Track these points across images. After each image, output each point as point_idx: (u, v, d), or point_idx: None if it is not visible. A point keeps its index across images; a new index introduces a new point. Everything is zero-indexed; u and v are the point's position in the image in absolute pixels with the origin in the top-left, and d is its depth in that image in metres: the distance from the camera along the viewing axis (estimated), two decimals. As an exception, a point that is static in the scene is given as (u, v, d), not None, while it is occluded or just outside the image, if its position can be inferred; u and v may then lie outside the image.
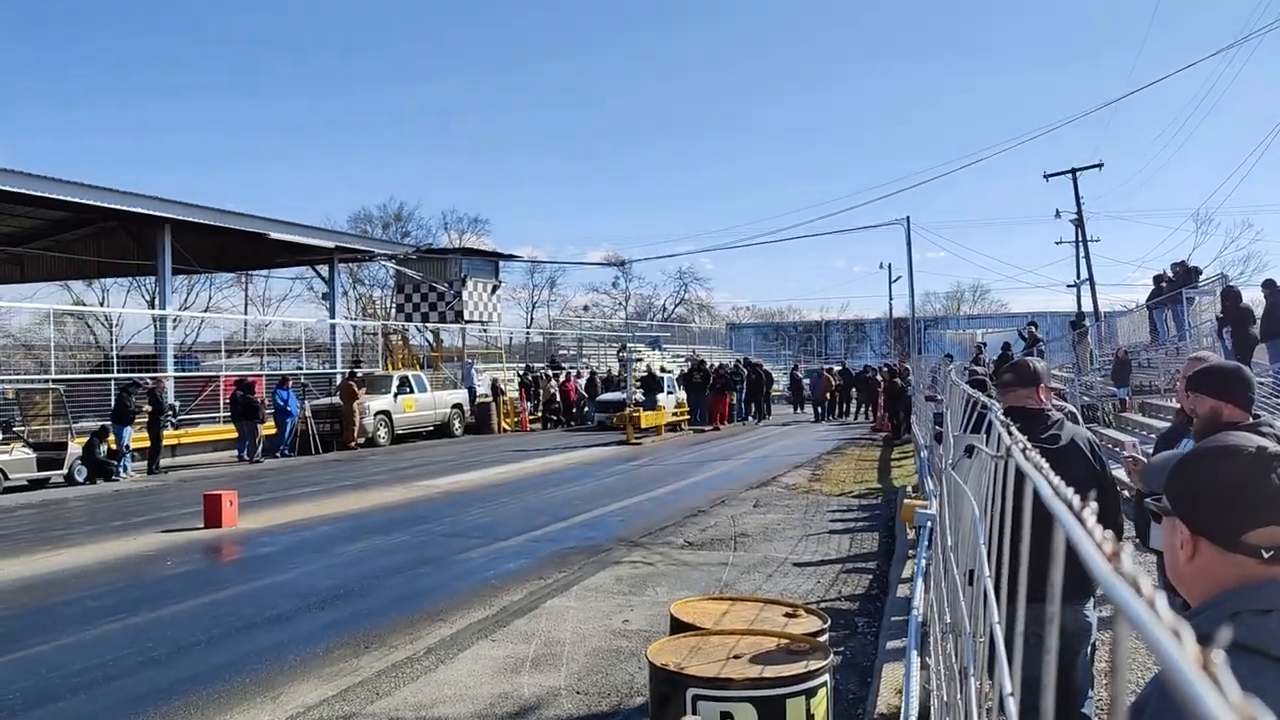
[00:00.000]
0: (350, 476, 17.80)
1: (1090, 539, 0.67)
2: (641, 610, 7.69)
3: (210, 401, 24.15)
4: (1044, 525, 0.98)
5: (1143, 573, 0.57)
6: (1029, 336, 26.26)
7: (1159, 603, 0.52)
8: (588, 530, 11.54)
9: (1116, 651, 0.58)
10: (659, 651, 3.79)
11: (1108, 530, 0.68)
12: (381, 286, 53.85)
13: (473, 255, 38.10)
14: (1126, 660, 0.58)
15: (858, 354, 56.06)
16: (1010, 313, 60.32)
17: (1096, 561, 0.61)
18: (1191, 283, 20.98)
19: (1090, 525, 0.70)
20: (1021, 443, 1.36)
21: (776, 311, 76.83)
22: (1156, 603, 0.52)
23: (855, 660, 6.37)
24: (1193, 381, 3.62)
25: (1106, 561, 0.60)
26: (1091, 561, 0.62)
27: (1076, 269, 37.51)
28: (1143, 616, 0.51)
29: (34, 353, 35.87)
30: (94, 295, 51.44)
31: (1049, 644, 0.86)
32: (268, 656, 6.68)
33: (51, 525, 13.01)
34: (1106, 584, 0.57)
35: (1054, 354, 31.06)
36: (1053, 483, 0.89)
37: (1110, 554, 0.61)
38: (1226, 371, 3.63)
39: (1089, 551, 0.64)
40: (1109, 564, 0.60)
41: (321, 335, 33.89)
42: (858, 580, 8.74)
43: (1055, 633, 0.87)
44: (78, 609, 8.12)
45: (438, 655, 6.66)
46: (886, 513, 12.27)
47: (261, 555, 10.48)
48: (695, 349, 42.37)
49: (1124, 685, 0.58)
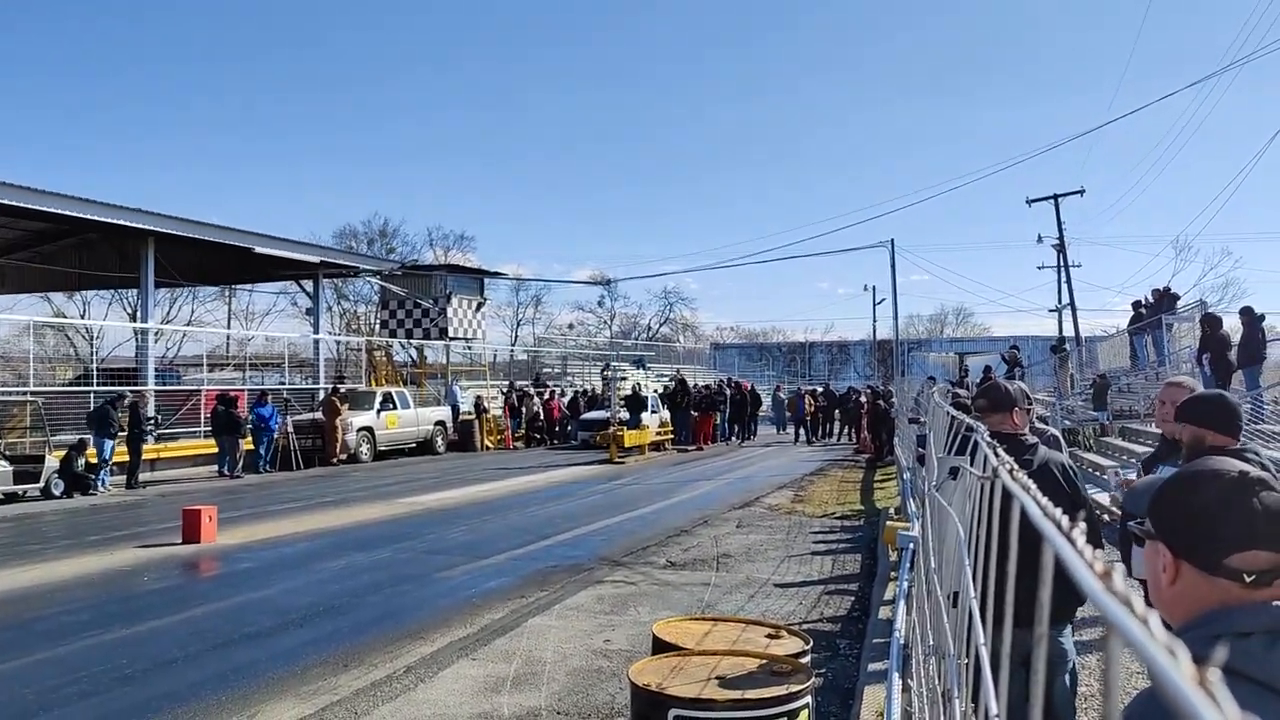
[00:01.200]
0: (332, 492, 17.69)
1: (1081, 559, 0.67)
2: (623, 630, 7.65)
3: (191, 416, 23.96)
4: (1029, 548, 0.98)
5: (1135, 592, 0.57)
6: (1011, 360, 26.40)
7: (1153, 621, 0.53)
8: (570, 549, 11.49)
9: (1110, 670, 0.58)
10: (641, 671, 3.77)
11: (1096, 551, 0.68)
12: (366, 302, 53.77)
13: (458, 272, 38.07)
14: (1119, 680, 0.58)
15: (842, 375, 56.27)
16: (993, 336, 60.72)
17: (1088, 581, 0.61)
18: (1171, 309, 21.16)
19: (1080, 545, 0.70)
20: (1008, 464, 1.37)
21: (761, 332, 77.13)
22: (1150, 621, 0.52)
23: (837, 682, 6.36)
24: (1179, 411, 3.67)
25: (1098, 581, 0.60)
26: (1083, 581, 0.62)
27: (1058, 293, 37.91)
28: (1138, 635, 0.51)
29: (12, 364, 35.47)
30: (75, 307, 51.08)
31: (1036, 666, 0.86)
32: (245, 674, 6.60)
33: (27, 539, 12.85)
34: (1100, 603, 0.57)
35: (1035, 377, 31.24)
36: (1041, 503, 0.90)
37: (1102, 573, 0.61)
38: (1208, 400, 3.67)
39: (1080, 571, 0.64)
40: (1101, 583, 0.60)
41: (305, 350, 33.71)
42: (840, 602, 8.73)
43: (1044, 654, 0.87)
44: (53, 624, 8.01)
45: (417, 674, 6.60)
46: (869, 534, 12.28)
47: (240, 571, 10.38)
48: (679, 368, 42.39)
49: (1116, 705, 0.58)
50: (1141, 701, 1.33)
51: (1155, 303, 22.10)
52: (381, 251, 55.94)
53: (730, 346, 70.61)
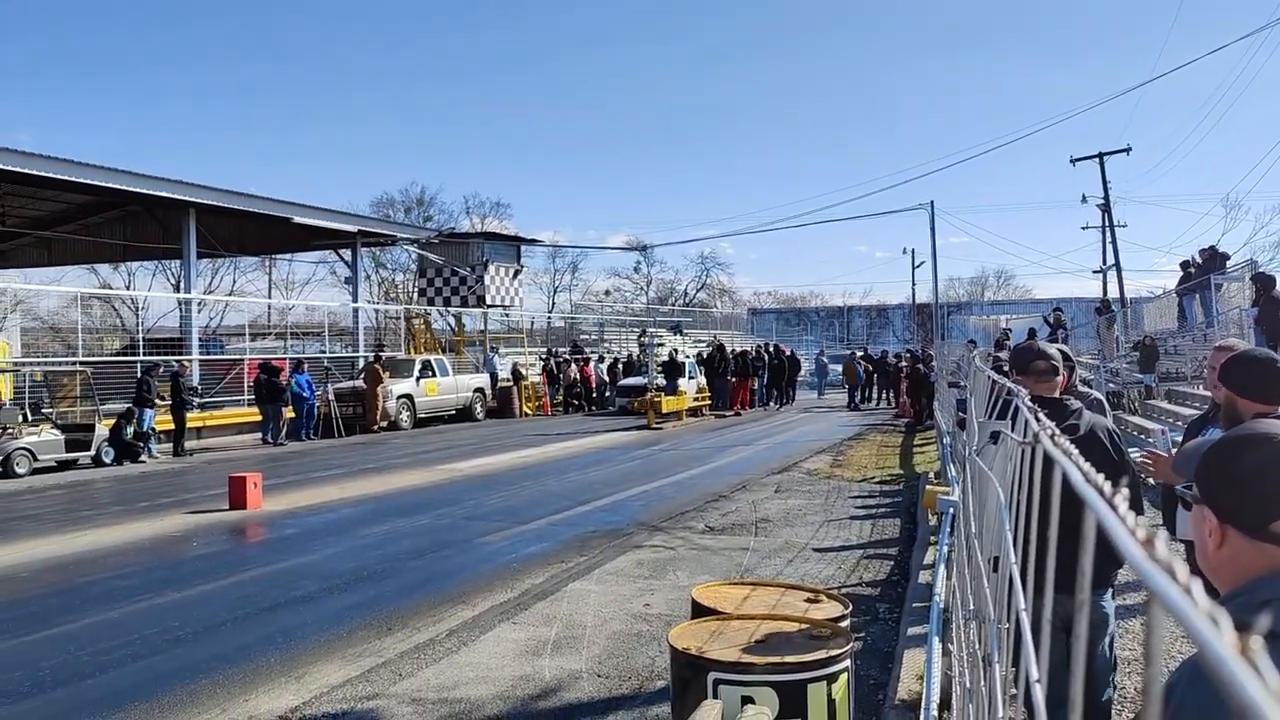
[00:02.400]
0: (373, 459, 17.92)
1: (1123, 525, 0.66)
2: (662, 594, 7.71)
3: (235, 384, 24.35)
4: (1071, 513, 0.97)
5: (1178, 559, 0.57)
6: (1054, 322, 26.05)
7: (1195, 589, 0.52)
8: (608, 514, 11.57)
9: (1150, 638, 0.57)
10: (680, 635, 3.80)
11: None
12: (404, 270, 54.17)
13: (494, 239, 38.11)
14: (1160, 647, 0.58)
15: (880, 340, 55.80)
16: (1035, 298, 59.90)
17: (1130, 548, 0.61)
18: (1220, 268, 20.73)
19: (1123, 512, 0.69)
20: (1050, 429, 1.35)
21: (798, 297, 76.58)
22: (1193, 589, 0.52)
23: (876, 646, 6.37)
24: (1219, 373, 3.58)
25: (1141, 548, 0.60)
26: (1125, 548, 0.61)
27: (1103, 254, 37.22)
28: (1179, 603, 0.50)
29: (62, 335, 36.26)
30: (120, 279, 51.94)
31: (1078, 631, 0.85)
32: (292, 637, 6.75)
33: (79, 506, 13.18)
34: (1141, 570, 0.57)
35: (1079, 340, 30.83)
36: (1083, 469, 0.88)
37: (1144, 540, 0.61)
38: (1245, 361, 3.55)
39: (1122, 538, 0.63)
40: (1143, 550, 0.59)
41: (344, 319, 34.05)
42: (879, 566, 8.73)
43: (1085, 619, 0.86)
44: (106, 588, 8.23)
45: (460, 637, 6.70)
46: (908, 499, 12.23)
47: (285, 537, 10.58)
48: (717, 334, 42.27)
49: (1158, 672, 0.58)
50: (1185, 670, 1.32)
51: (1204, 263, 21.65)
52: (419, 220, 56.17)
53: (768, 311, 70.22)
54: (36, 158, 20.58)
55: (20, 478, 15.89)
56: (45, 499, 13.90)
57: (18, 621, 7.22)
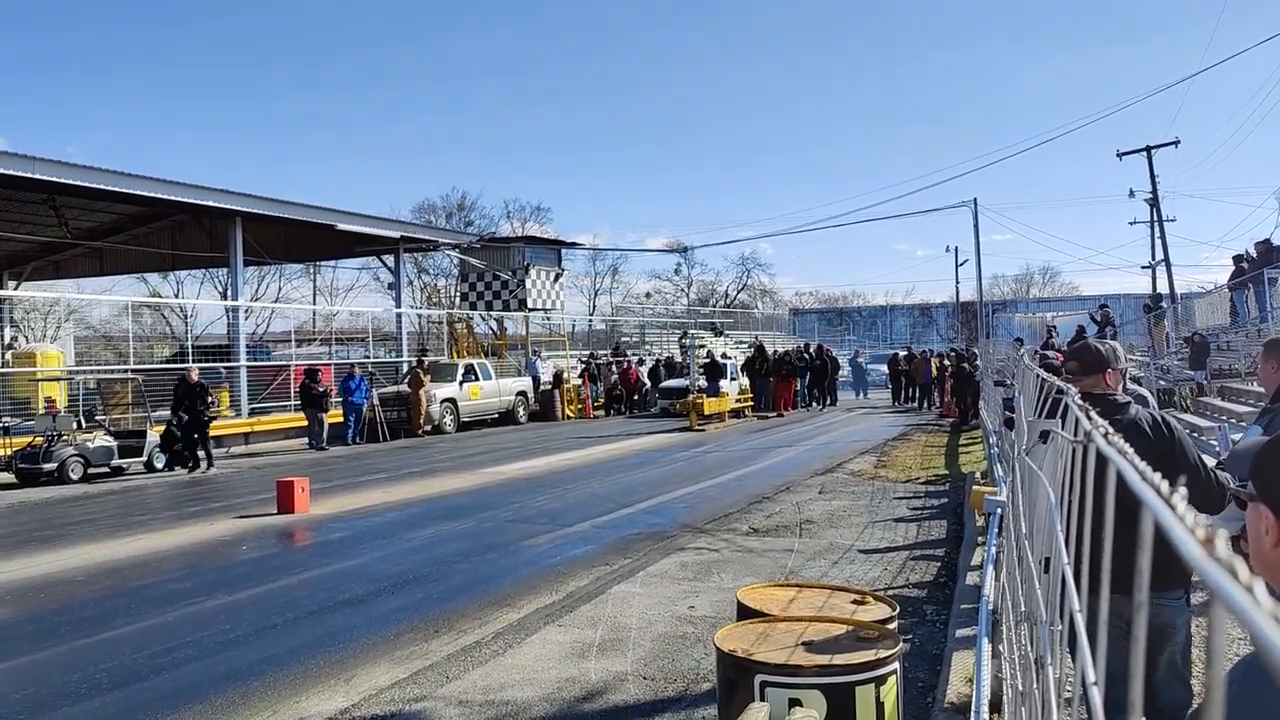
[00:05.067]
0: (417, 463, 18.07)
1: (1181, 524, 0.65)
2: (707, 596, 7.69)
3: (282, 390, 24.68)
4: (1127, 512, 0.96)
5: (1239, 558, 0.56)
6: (1102, 319, 25.64)
7: (1258, 589, 0.51)
8: (652, 516, 11.57)
9: (1213, 638, 0.56)
10: (726, 637, 3.79)
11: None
12: (446, 275, 54.52)
13: (535, 243, 38.27)
14: (1222, 648, 0.57)
15: (924, 339, 55.31)
16: (1081, 295, 59.10)
17: (1190, 547, 0.60)
18: (1274, 262, 20.28)
19: (1181, 510, 0.68)
20: (1103, 427, 1.33)
21: (840, 296, 76.16)
22: (1255, 589, 0.51)
23: (924, 648, 6.30)
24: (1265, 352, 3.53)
25: (1200, 547, 0.59)
26: (1184, 547, 0.60)
27: (1151, 250, 36.62)
28: (1241, 603, 0.50)
29: (113, 343, 36.95)
30: (169, 287, 52.89)
31: (1136, 634, 0.84)
32: (341, 639, 6.82)
33: (132, 511, 13.43)
34: (1201, 570, 0.56)
35: (1128, 337, 30.33)
36: (1139, 467, 0.87)
37: (1204, 539, 0.60)
38: None
39: (1181, 537, 0.63)
40: (1203, 550, 0.58)
41: (388, 324, 34.37)
42: (926, 567, 8.64)
43: (1144, 621, 0.85)
44: (160, 592, 8.38)
45: (506, 640, 6.74)
46: (954, 499, 12.10)
47: (333, 541, 10.70)
48: (758, 335, 42.14)
49: (1219, 673, 0.57)
50: (1242, 668, 1.30)
51: (1258, 256, 21.21)
52: (460, 225, 56.65)
53: (809, 312, 69.91)
54: (90, 170, 21.05)
55: (74, 483, 16.24)
56: (99, 504, 14.18)
57: (75, 625, 7.37)
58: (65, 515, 13.07)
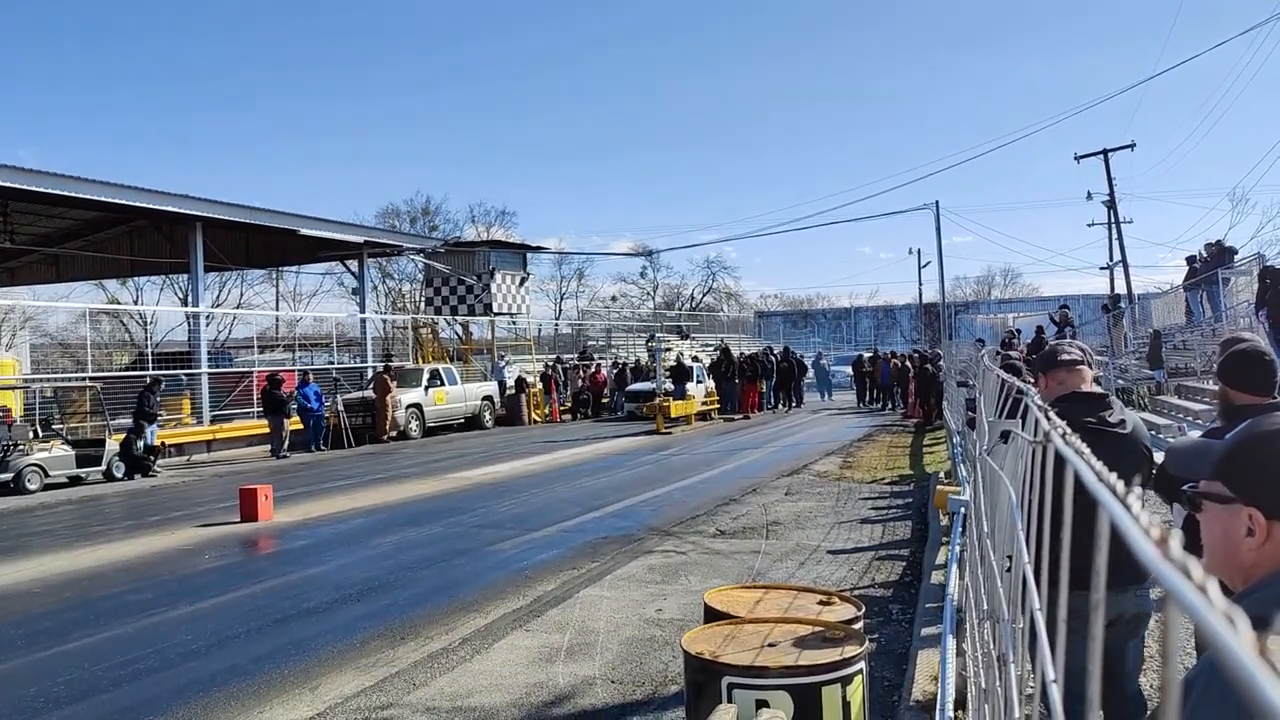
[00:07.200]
0: (383, 469, 17.94)
1: (1136, 524, 0.66)
2: (674, 599, 7.70)
3: (244, 397, 24.40)
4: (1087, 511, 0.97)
5: (1192, 558, 0.57)
6: (1061, 320, 25.99)
7: (1210, 588, 0.52)
8: (619, 520, 11.56)
9: (1167, 637, 0.57)
10: (694, 640, 3.80)
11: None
12: (411, 280, 54.15)
13: (500, 247, 38.12)
14: (1178, 645, 0.58)
15: (888, 340, 55.70)
16: (1042, 296, 59.73)
17: (1144, 548, 0.61)
18: (1226, 263, 20.66)
19: (1136, 511, 0.69)
20: (1060, 427, 1.35)
21: (805, 299, 76.44)
22: (1208, 588, 0.52)
23: (890, 647, 6.35)
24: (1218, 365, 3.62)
25: (1154, 547, 0.60)
26: (1139, 548, 0.61)
27: (1109, 251, 37.17)
28: (1195, 602, 0.50)
29: (71, 351, 36.39)
30: (128, 294, 52.11)
31: (1093, 631, 0.85)
32: (306, 648, 6.75)
33: (91, 521, 13.22)
34: (1155, 570, 0.57)
35: (1086, 337, 30.72)
36: (1095, 468, 0.88)
37: (1158, 539, 0.61)
38: (1235, 355, 3.54)
39: (1136, 537, 0.64)
40: (1157, 549, 0.59)
41: (352, 330, 34.12)
42: (891, 567, 8.71)
43: (1100, 620, 0.86)
44: (119, 603, 8.25)
45: (473, 645, 6.70)
46: (919, 499, 12.21)
47: (297, 548, 10.59)
48: (724, 338, 42.21)
49: (1176, 672, 0.58)
50: (1202, 667, 1.32)
51: (1210, 257, 21.59)
52: (424, 229, 56.18)
53: (774, 314, 70.13)
54: (43, 175, 20.66)
55: (32, 494, 15.95)
56: (57, 515, 13.94)
57: (32, 637, 7.24)
58: (23, 526, 12.83)
